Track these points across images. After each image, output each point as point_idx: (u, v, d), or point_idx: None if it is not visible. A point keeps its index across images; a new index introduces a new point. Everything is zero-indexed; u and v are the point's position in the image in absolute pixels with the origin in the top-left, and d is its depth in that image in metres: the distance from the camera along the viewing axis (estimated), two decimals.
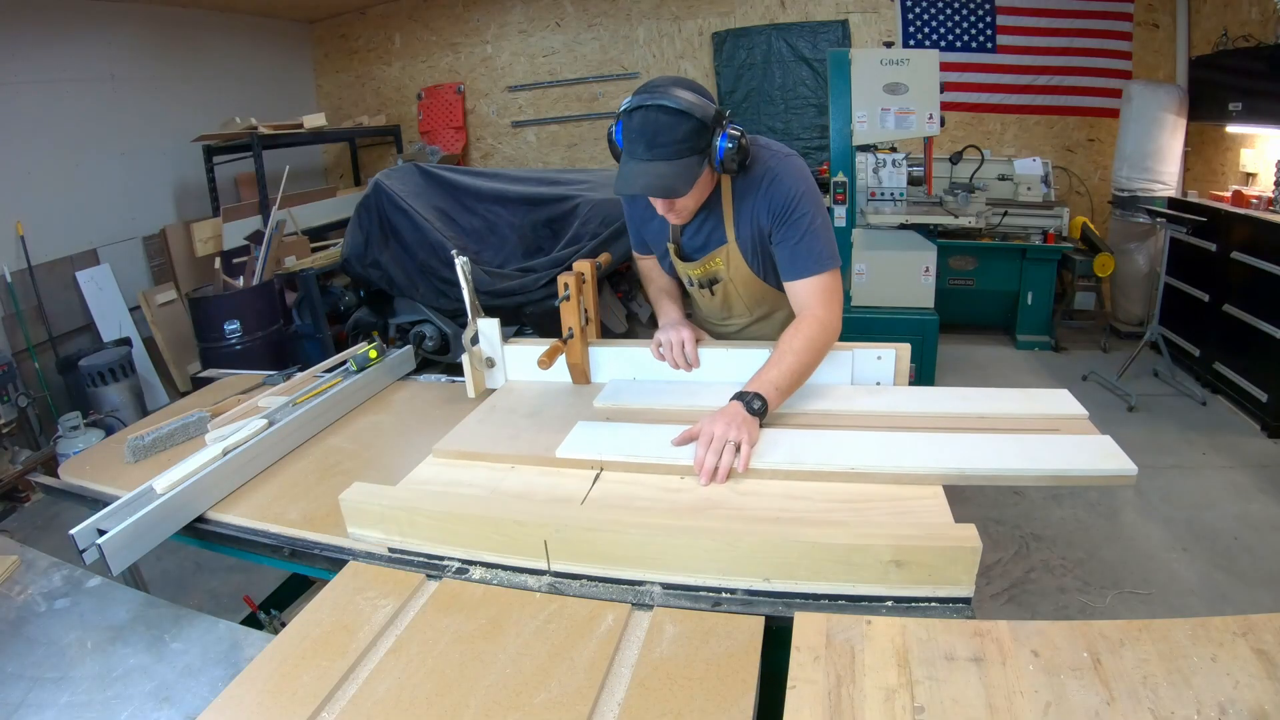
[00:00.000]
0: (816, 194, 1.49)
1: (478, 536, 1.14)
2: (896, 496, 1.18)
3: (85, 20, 4.37)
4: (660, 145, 1.33)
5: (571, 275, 1.62)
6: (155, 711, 0.96)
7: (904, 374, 1.58)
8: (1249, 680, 0.80)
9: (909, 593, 0.99)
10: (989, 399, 1.46)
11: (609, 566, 1.08)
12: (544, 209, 3.89)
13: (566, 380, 1.73)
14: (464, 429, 1.51)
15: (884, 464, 1.22)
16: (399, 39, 6.27)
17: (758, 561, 1.02)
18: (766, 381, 1.37)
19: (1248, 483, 3.03)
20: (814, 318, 1.46)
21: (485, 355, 1.74)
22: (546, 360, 1.56)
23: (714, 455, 1.23)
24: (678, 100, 1.32)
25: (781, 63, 5.50)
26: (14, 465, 3.59)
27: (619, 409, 1.55)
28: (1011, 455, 1.23)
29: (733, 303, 1.74)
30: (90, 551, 1.17)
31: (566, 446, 1.37)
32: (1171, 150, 4.46)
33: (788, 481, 1.24)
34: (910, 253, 3.86)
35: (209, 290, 4.14)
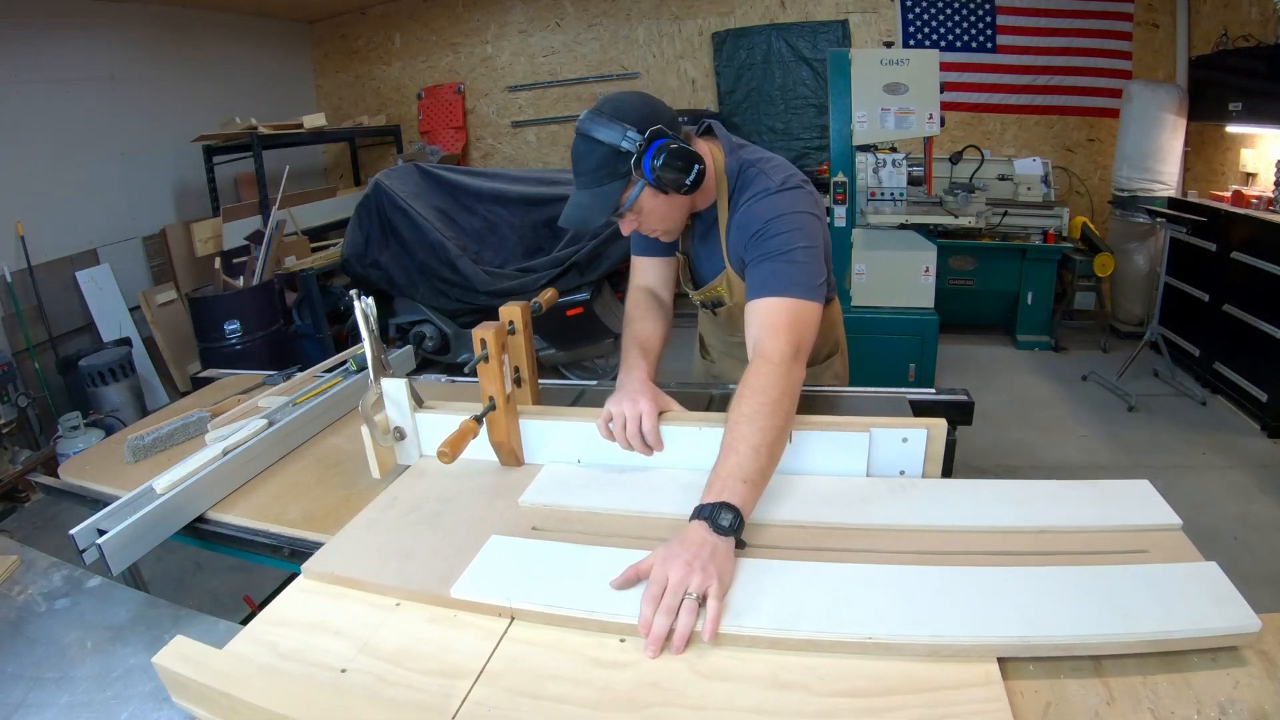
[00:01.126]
0: (803, 221, 1.29)
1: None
2: (930, 684, 0.80)
3: (85, 20, 4.37)
4: (581, 174, 1.28)
5: (491, 329, 1.21)
6: (155, 711, 0.95)
7: (936, 458, 1.21)
8: (1249, 680, 0.80)
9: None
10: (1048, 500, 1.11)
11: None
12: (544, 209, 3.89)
13: (492, 460, 1.34)
14: (346, 538, 1.14)
15: (911, 631, 0.84)
16: (399, 39, 6.27)
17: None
18: (728, 477, 1.01)
19: (1248, 483, 3.03)
20: (761, 359, 1.16)
21: (392, 425, 1.37)
22: (449, 452, 1.12)
23: (666, 616, 0.87)
24: (594, 127, 1.24)
25: (781, 63, 5.50)
26: (14, 465, 3.59)
27: (550, 512, 1.18)
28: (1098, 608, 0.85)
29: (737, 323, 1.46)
30: (90, 551, 1.18)
31: (466, 583, 0.99)
32: (1171, 150, 4.46)
33: (775, 654, 0.86)
34: (910, 253, 3.86)
35: (209, 290, 4.14)
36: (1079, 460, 3.23)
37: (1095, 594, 0.88)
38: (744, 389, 1.12)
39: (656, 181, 1.25)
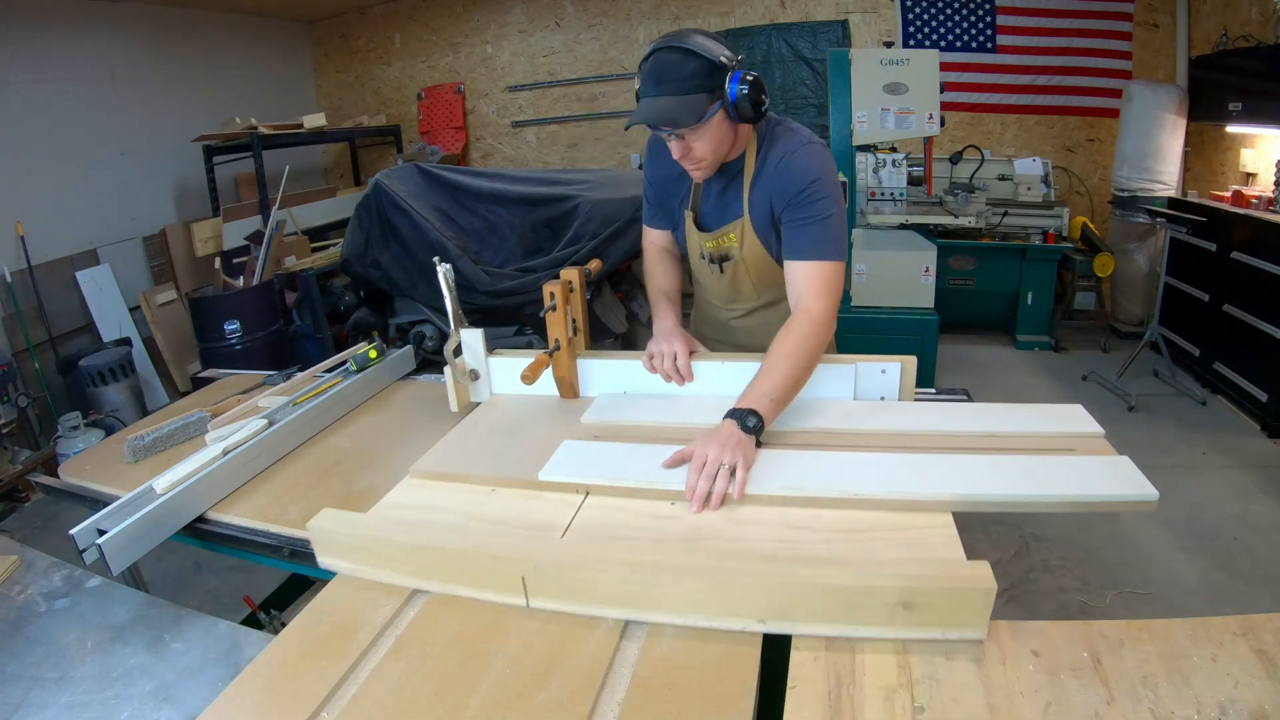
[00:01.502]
0: (835, 183, 1.46)
1: (452, 571, 1.06)
2: (903, 526, 1.10)
3: (85, 20, 4.37)
4: (667, 81, 1.34)
5: (558, 284, 1.54)
6: (155, 711, 0.96)
7: (909, 388, 1.51)
8: (1249, 680, 0.80)
9: (918, 635, 0.91)
10: (999, 416, 1.40)
11: (589, 605, 1.00)
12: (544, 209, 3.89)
13: (553, 394, 1.65)
14: (443, 447, 1.44)
15: (889, 490, 1.15)
16: (399, 39, 6.27)
17: (752, 603, 0.94)
18: (760, 394, 1.30)
19: (1248, 483, 3.03)
20: (805, 313, 1.41)
21: (469, 367, 1.66)
22: (530, 375, 1.46)
23: (706, 481, 1.17)
24: (690, 41, 1.34)
25: (781, 63, 5.50)
26: (14, 465, 3.59)
27: (607, 426, 1.48)
28: (1025, 479, 1.17)
29: (741, 284, 1.68)
30: (90, 551, 1.18)
31: (550, 469, 1.29)
32: (1171, 150, 4.46)
33: (786, 509, 1.16)
34: (910, 253, 3.86)
35: (209, 290, 4.14)
36: None
37: (1027, 472, 1.19)
38: (789, 331, 1.38)
39: (736, 103, 1.35)
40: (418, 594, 1.08)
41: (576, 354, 1.62)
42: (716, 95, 1.36)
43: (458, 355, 1.64)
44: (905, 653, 0.88)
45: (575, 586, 1.01)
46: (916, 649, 0.89)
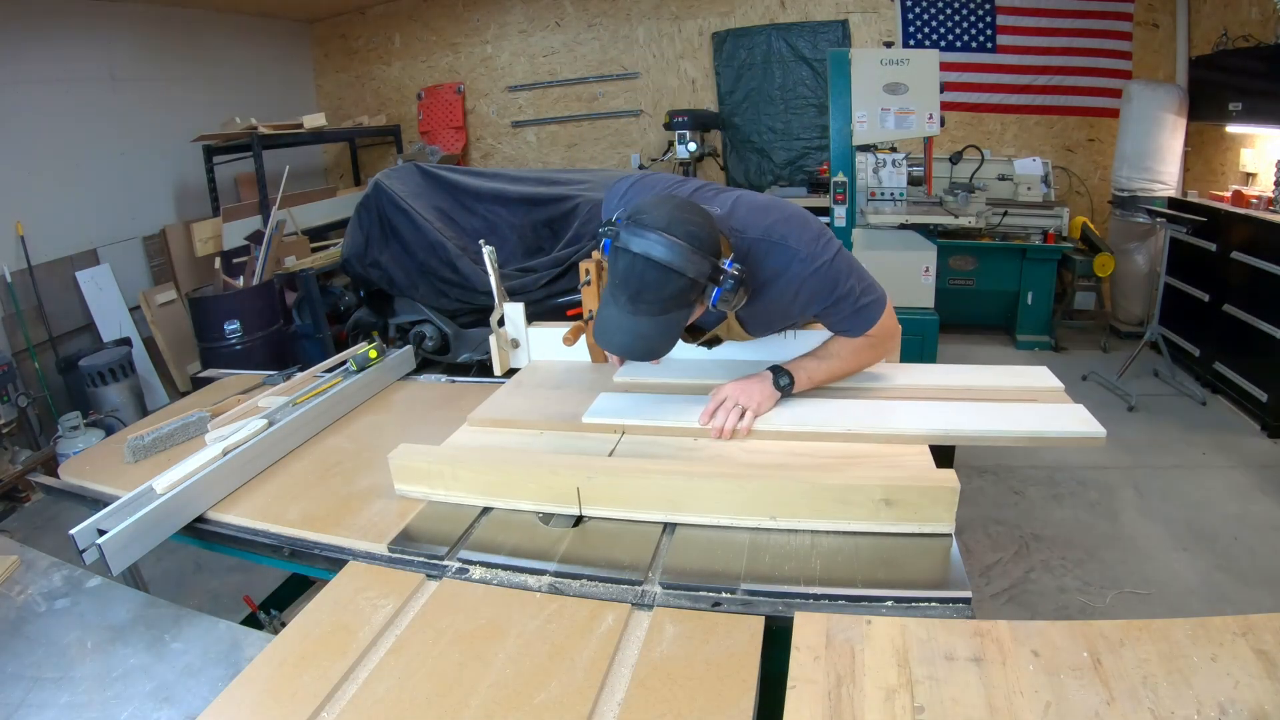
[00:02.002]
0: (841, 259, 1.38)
1: (516, 486, 1.26)
2: (886, 453, 1.32)
3: (85, 20, 4.36)
4: (644, 302, 1.20)
5: (592, 262, 1.74)
6: (155, 711, 0.96)
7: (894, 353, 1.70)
8: (1249, 680, 0.80)
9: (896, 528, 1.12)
10: (973, 373, 1.61)
11: (635, 510, 1.21)
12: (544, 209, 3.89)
13: (586, 360, 1.87)
14: (495, 400, 1.66)
15: (876, 426, 1.38)
16: (399, 39, 6.27)
17: (765, 501, 1.15)
18: (803, 367, 1.47)
19: (1248, 483, 3.03)
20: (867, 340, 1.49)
21: (510, 337, 1.90)
22: (571, 338, 1.74)
23: (722, 414, 1.38)
24: (670, 254, 1.16)
25: (781, 63, 5.50)
26: (14, 465, 3.59)
27: (637, 383, 1.68)
28: (992, 419, 1.37)
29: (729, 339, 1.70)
30: (90, 551, 1.18)
31: (592, 412, 1.51)
32: (1171, 150, 4.45)
33: (790, 441, 1.39)
34: (910, 253, 3.86)
35: (209, 290, 4.14)
36: (1078, 460, 3.23)
37: (995, 414, 1.40)
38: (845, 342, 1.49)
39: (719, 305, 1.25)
40: (420, 590, 1.08)
41: None
42: (693, 306, 1.27)
43: (501, 325, 1.87)
44: (906, 652, 0.88)
45: (622, 493, 1.22)
46: (917, 648, 0.89)
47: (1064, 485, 3.07)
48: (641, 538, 1.18)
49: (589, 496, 1.22)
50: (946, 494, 1.10)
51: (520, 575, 1.12)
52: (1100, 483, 3.06)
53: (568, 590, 1.07)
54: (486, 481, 1.29)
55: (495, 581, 1.11)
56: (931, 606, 0.98)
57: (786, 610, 0.98)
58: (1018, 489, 3.07)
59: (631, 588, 1.06)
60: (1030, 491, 3.04)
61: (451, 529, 1.24)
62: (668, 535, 1.18)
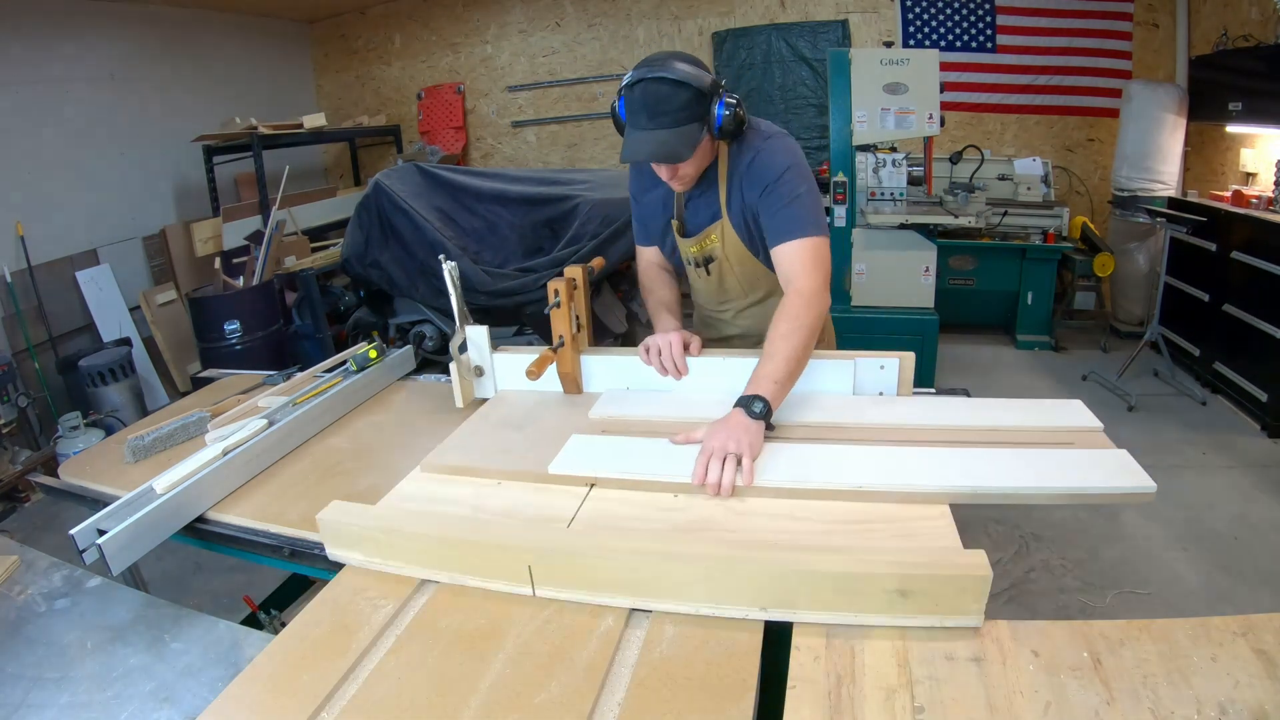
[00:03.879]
0: (804, 168, 1.51)
1: (460, 561, 1.09)
2: (901, 518, 1.13)
3: (85, 20, 4.36)
4: (661, 114, 1.38)
5: (562, 281, 1.58)
6: (155, 711, 0.96)
7: (907, 383, 1.54)
8: (1249, 680, 0.80)
9: (915, 623, 0.93)
10: (998, 410, 1.42)
11: (596, 593, 1.03)
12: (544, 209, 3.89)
13: (558, 390, 1.68)
14: (454, 442, 1.46)
15: (889, 482, 1.18)
16: (399, 39, 6.26)
17: (754, 589, 0.97)
18: (762, 378, 1.35)
19: (1248, 483, 3.03)
20: (795, 292, 1.44)
21: (474, 364, 1.69)
22: (536, 370, 1.52)
23: (716, 469, 1.21)
24: (676, 71, 1.37)
25: (781, 63, 5.50)
26: (14, 465, 3.59)
27: (614, 420, 1.51)
28: (1023, 472, 1.18)
29: (728, 283, 1.74)
30: (90, 551, 1.17)
31: (560, 462, 1.32)
32: (1171, 150, 4.45)
33: (789, 500, 1.19)
34: (910, 253, 3.86)
35: (209, 290, 4.14)
36: None
37: (1026, 465, 1.20)
38: (782, 312, 1.41)
39: (721, 126, 1.42)
40: (419, 591, 1.08)
41: (580, 350, 1.66)
42: (705, 121, 1.42)
43: (463, 352, 1.67)
44: (905, 652, 0.88)
45: (581, 574, 1.03)
46: (916, 648, 0.89)
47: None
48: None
49: (543, 577, 1.04)
50: (975, 584, 0.90)
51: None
52: None
53: None
54: (427, 553, 1.10)
55: None
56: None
57: None
58: None
59: None
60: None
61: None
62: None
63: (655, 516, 1.19)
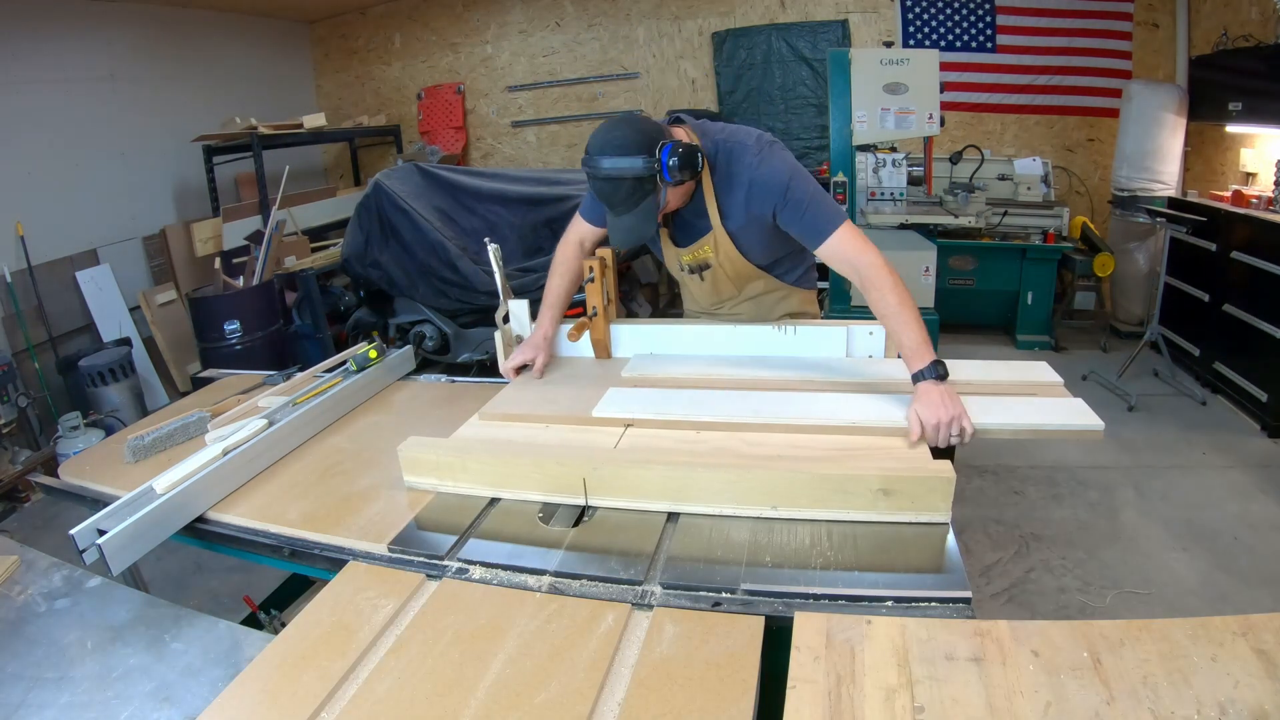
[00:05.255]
0: (801, 171, 1.59)
1: (523, 477, 1.29)
2: (884, 446, 1.34)
3: (85, 20, 4.36)
4: (617, 204, 1.51)
5: (595, 260, 1.78)
6: (155, 711, 0.96)
7: (894, 348, 1.69)
8: (1249, 680, 0.80)
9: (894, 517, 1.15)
10: (973, 368, 1.61)
11: (639, 499, 1.23)
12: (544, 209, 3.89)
13: (589, 356, 1.90)
14: (504, 396, 1.68)
15: (877, 419, 1.40)
16: (399, 39, 6.26)
17: (766, 491, 1.17)
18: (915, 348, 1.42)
19: (1248, 483, 3.03)
20: (870, 268, 1.51)
21: (515, 333, 1.91)
22: (575, 334, 1.81)
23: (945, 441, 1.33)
24: (607, 168, 1.47)
25: (781, 63, 5.50)
26: (14, 465, 3.59)
27: (643, 378, 1.71)
28: (990, 413, 1.37)
29: (721, 286, 1.83)
30: (90, 551, 1.18)
31: (602, 407, 1.54)
32: (1171, 150, 4.45)
33: (793, 435, 1.40)
34: (910, 252, 3.86)
35: (209, 290, 4.14)
36: (1078, 460, 3.23)
37: (993, 408, 1.40)
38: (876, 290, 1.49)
39: (673, 179, 1.51)
40: (420, 590, 1.08)
41: (610, 320, 1.87)
42: (656, 190, 1.51)
43: (505, 322, 1.89)
44: (905, 652, 0.88)
45: (627, 483, 1.24)
46: (917, 648, 0.89)
47: (1064, 485, 3.07)
48: (645, 528, 1.20)
49: (595, 487, 1.25)
50: (942, 484, 1.13)
51: (520, 575, 1.12)
52: (1100, 482, 3.06)
53: (568, 590, 1.07)
54: (494, 473, 1.31)
55: (495, 582, 1.11)
56: (932, 606, 0.98)
57: (786, 610, 0.98)
58: (1017, 489, 3.07)
59: (631, 588, 1.06)
60: (1030, 491, 3.04)
61: (460, 520, 1.27)
62: (671, 524, 1.20)
63: (682, 447, 1.39)
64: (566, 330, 1.83)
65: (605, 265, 1.81)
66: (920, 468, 1.17)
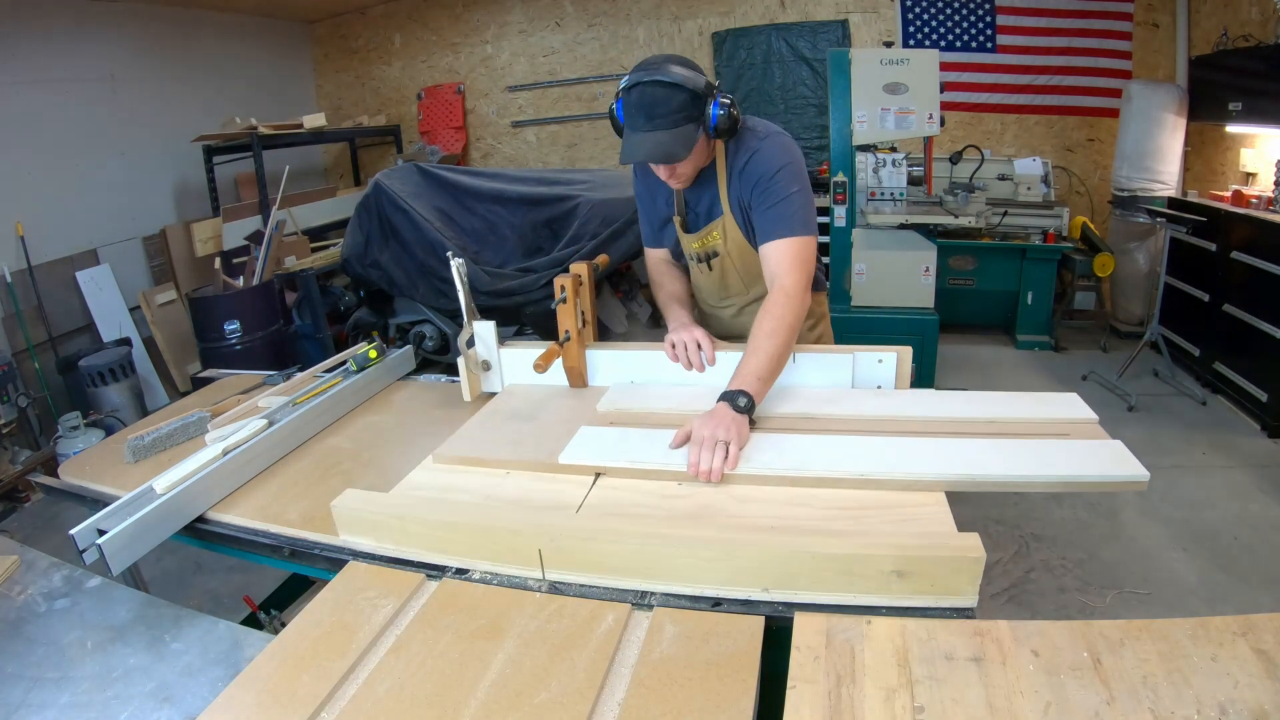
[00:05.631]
0: (799, 168, 1.56)
1: (471, 545, 1.13)
2: (898, 504, 1.16)
3: (85, 20, 4.36)
4: (658, 116, 1.43)
5: (568, 278, 1.60)
6: (155, 711, 0.96)
7: (905, 378, 1.56)
8: (1249, 680, 0.80)
9: (911, 603, 0.97)
10: (996, 403, 1.44)
11: (604, 576, 1.07)
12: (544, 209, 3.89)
13: (563, 384, 1.71)
14: (465, 433, 1.50)
15: (889, 470, 1.20)
16: (399, 39, 6.26)
17: (756, 571, 1.01)
18: (747, 375, 1.40)
19: (1248, 483, 3.03)
20: (780, 290, 1.49)
21: (481, 358, 1.73)
22: (543, 364, 1.56)
23: (707, 456, 1.24)
24: (672, 74, 1.42)
25: (781, 63, 5.50)
26: (14, 465, 3.59)
27: (621, 413, 1.54)
28: (1020, 460, 1.20)
29: (729, 279, 1.78)
30: (90, 551, 1.17)
31: (569, 453, 1.35)
32: (1171, 150, 4.45)
33: (790, 489, 1.23)
34: (910, 253, 3.86)
35: (209, 290, 4.14)
36: None
37: (1023, 454, 1.23)
38: (766, 312, 1.46)
39: (716, 126, 1.48)
40: (420, 590, 1.08)
41: (585, 345, 1.70)
42: (700, 122, 1.47)
43: (470, 346, 1.71)
44: (905, 652, 0.88)
45: (590, 558, 1.07)
46: (917, 648, 0.89)
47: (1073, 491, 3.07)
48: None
49: (553, 560, 1.08)
50: (969, 565, 0.95)
51: (520, 576, 1.12)
52: None
53: (568, 590, 1.07)
54: (439, 538, 1.15)
55: (495, 581, 1.11)
56: (931, 607, 0.98)
57: (786, 610, 0.98)
58: None
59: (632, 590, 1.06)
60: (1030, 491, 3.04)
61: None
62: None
63: (660, 504, 1.22)
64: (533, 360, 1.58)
65: (580, 282, 1.62)
66: (942, 544, 0.98)
